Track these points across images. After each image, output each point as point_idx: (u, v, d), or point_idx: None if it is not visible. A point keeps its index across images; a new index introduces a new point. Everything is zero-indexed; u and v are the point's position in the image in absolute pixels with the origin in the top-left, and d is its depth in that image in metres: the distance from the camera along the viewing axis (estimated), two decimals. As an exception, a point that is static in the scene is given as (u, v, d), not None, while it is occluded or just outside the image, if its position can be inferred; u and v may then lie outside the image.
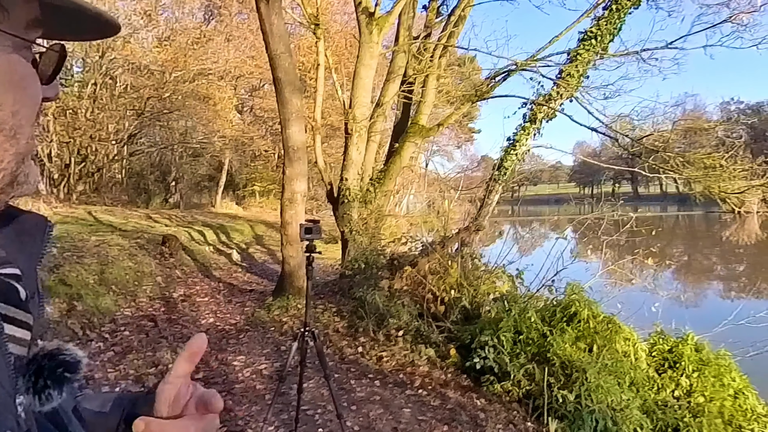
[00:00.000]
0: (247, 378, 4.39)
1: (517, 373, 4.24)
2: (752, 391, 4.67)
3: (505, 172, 8.27)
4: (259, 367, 4.63)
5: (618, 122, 8.51)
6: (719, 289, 14.29)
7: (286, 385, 3.78)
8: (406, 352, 5.00)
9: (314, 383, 4.20)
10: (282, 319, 6.03)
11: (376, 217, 8.20)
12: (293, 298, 6.53)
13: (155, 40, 15.58)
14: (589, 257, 8.89)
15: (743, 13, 7.97)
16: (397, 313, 5.36)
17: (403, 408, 3.96)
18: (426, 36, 9.13)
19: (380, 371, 4.69)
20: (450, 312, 5.37)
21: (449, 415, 3.90)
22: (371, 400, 4.05)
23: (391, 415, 3.82)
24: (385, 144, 10.43)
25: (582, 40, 7.92)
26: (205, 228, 12.75)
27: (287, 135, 6.67)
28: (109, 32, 0.53)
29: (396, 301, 5.55)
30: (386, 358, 4.95)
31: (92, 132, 13.39)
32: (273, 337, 5.52)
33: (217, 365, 4.63)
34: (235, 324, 5.99)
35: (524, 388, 4.22)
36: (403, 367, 4.78)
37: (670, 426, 4.15)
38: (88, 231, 8.41)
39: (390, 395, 4.19)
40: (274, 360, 4.81)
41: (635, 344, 4.74)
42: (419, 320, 5.32)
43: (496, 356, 4.40)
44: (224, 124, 17.18)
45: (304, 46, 16.68)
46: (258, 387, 4.21)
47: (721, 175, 7.60)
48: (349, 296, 6.41)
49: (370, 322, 5.47)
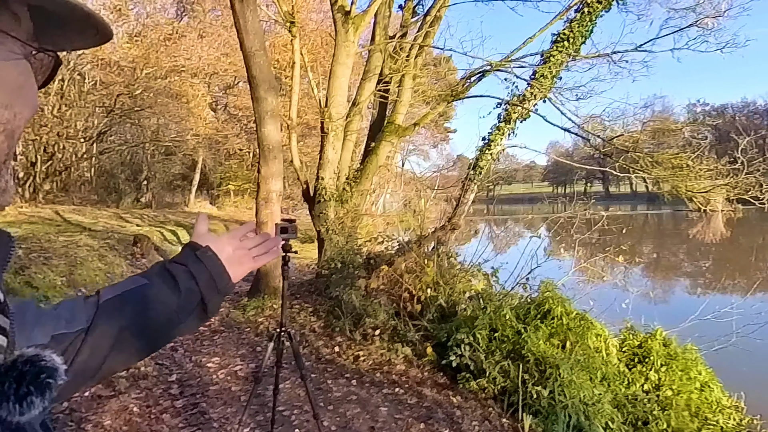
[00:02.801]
0: (221, 380, 4.33)
1: (492, 370, 4.29)
2: (717, 383, 4.83)
3: (481, 171, 8.35)
4: (234, 368, 4.58)
5: (590, 123, 8.69)
6: (686, 285, 14.73)
7: (262, 386, 3.74)
8: (383, 351, 5.01)
9: (290, 384, 4.17)
10: (257, 320, 5.97)
11: (352, 216, 8.18)
12: (269, 299, 6.47)
13: (125, 36, 15.20)
14: (562, 255, 9.06)
15: (708, 18, 8.22)
16: (374, 313, 5.36)
17: (380, 407, 3.96)
18: (402, 35, 9.14)
19: (357, 370, 4.68)
20: (426, 310, 5.40)
21: (426, 413, 3.92)
22: (348, 400, 4.05)
23: (368, 414, 3.82)
24: (361, 143, 10.42)
25: (555, 42, 8.06)
26: (178, 228, 12.52)
27: (262, 133, 6.60)
28: (102, 39, 0.54)
29: (373, 301, 5.55)
30: (363, 357, 4.94)
31: (59, 129, 13.01)
32: (248, 337, 5.46)
33: (191, 367, 4.56)
34: (209, 325, 5.89)
35: (499, 384, 4.27)
36: (380, 366, 4.79)
37: (640, 419, 4.26)
38: (56, 231, 8.17)
39: (367, 394, 4.19)
40: (250, 361, 4.75)
41: (606, 340, 4.84)
42: (396, 319, 5.34)
43: (472, 354, 4.44)
44: (198, 122, 16.90)
45: (280, 44, 16.52)
46: (233, 388, 4.15)
47: (688, 175, 7.84)
48: (325, 296, 6.38)
49: (346, 322, 5.46)
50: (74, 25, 0.51)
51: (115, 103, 14.70)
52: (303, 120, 14.35)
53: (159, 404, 3.73)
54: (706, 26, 8.24)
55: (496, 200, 50.32)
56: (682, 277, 16.02)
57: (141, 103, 15.45)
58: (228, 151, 21.57)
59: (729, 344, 5.46)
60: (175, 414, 3.61)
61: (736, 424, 4.56)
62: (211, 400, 3.89)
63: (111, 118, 15.34)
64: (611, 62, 8.60)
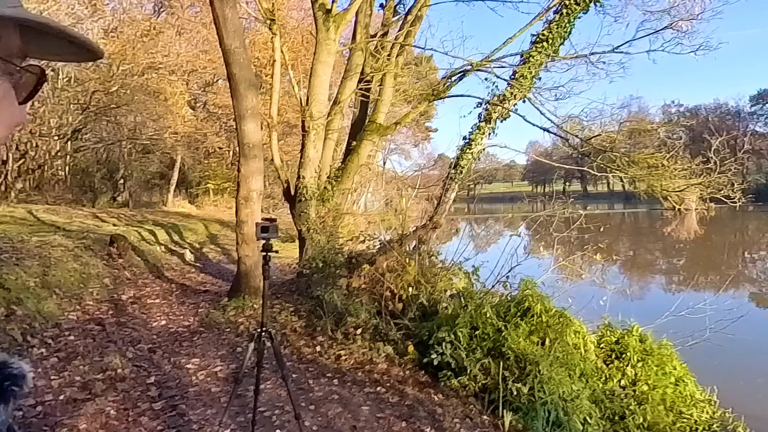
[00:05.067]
0: (201, 381, 4.28)
1: (473, 367, 4.32)
2: (691, 378, 4.96)
3: (461, 170, 8.39)
4: (214, 369, 4.53)
5: (568, 123, 8.80)
6: (662, 282, 15.07)
7: (243, 387, 3.70)
8: (365, 350, 5.01)
9: (272, 384, 4.14)
10: (238, 320, 5.91)
11: (333, 215, 8.15)
12: (249, 298, 6.41)
13: (101, 32, 14.87)
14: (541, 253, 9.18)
15: (682, 21, 8.41)
16: (356, 312, 5.36)
17: (361, 406, 3.96)
18: (383, 34, 9.13)
19: (339, 370, 4.67)
20: (408, 309, 5.41)
21: (407, 412, 3.93)
22: (330, 399, 4.04)
23: (349, 414, 3.82)
24: (342, 142, 10.38)
25: (534, 43, 8.14)
26: (156, 227, 12.31)
27: (242, 132, 6.53)
28: (93, 57, 0.55)
29: (354, 300, 5.54)
30: (344, 356, 4.94)
31: (32, 127, 12.67)
32: (228, 338, 5.40)
33: (170, 368, 4.49)
34: (189, 326, 5.82)
35: (480, 382, 4.31)
36: (362, 365, 4.79)
37: (617, 414, 4.34)
38: (29, 231, 7.96)
39: (348, 394, 4.18)
40: (230, 362, 4.71)
41: (585, 337, 4.93)
42: (377, 318, 5.34)
43: (453, 352, 4.47)
44: (176, 120, 16.62)
45: (260, 41, 16.36)
46: (213, 390, 4.11)
47: (663, 174, 8.00)
48: (306, 295, 6.35)
49: (328, 321, 5.44)
50: (64, 42, 0.51)
51: (91, 100, 14.37)
52: (284, 118, 14.24)
53: (137, 407, 3.67)
54: (681, 29, 8.44)
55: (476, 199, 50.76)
56: (657, 275, 16.39)
57: (117, 100, 15.12)
58: (207, 150, 21.28)
59: (702, 339, 5.60)
60: (154, 416, 3.56)
61: (709, 417, 4.69)
62: (191, 401, 3.84)
63: (86, 116, 14.99)
64: (589, 63, 8.73)
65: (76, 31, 0.50)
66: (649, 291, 13.28)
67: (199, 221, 15.94)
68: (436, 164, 39.09)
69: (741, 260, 18.86)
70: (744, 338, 6.73)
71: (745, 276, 15.07)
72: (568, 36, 8.14)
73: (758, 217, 32.23)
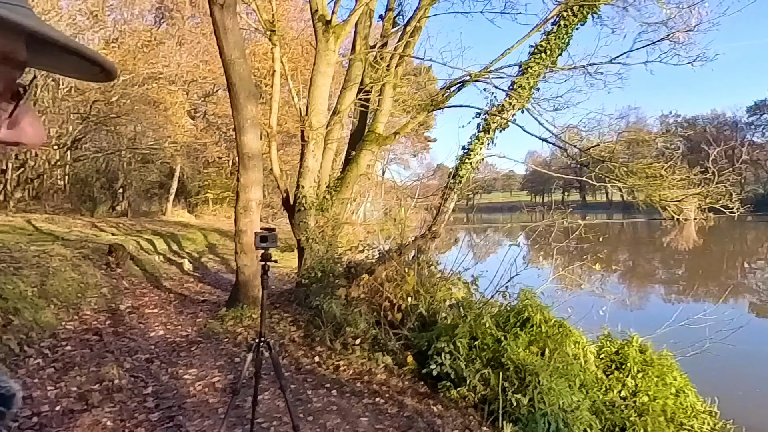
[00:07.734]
0: (199, 392, 4.24)
1: (472, 378, 4.30)
2: (692, 389, 4.94)
3: (460, 180, 8.41)
4: (212, 380, 4.49)
5: (567, 133, 8.84)
6: (661, 292, 15.04)
7: (241, 398, 3.68)
8: (364, 360, 4.98)
9: (270, 395, 4.11)
10: (236, 330, 5.88)
11: (332, 224, 8.15)
12: (248, 308, 6.39)
13: (102, 42, 14.97)
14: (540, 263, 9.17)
15: (679, 32, 8.47)
16: (354, 322, 5.33)
17: (360, 417, 3.93)
18: (382, 45, 9.19)
19: (337, 380, 4.64)
20: (407, 319, 5.39)
21: (407, 423, 3.90)
22: (328, 410, 4.01)
23: (348, 425, 3.79)
24: (341, 152, 10.41)
25: (533, 54, 8.20)
26: (154, 237, 12.30)
27: (242, 142, 6.54)
28: (107, 77, 0.53)
29: (353, 310, 5.52)
30: (343, 367, 4.91)
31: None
32: (227, 348, 5.37)
33: (167, 379, 4.46)
34: (187, 336, 5.79)
35: (480, 393, 4.28)
36: (361, 375, 4.76)
37: (618, 425, 4.31)
38: (27, 240, 7.95)
39: (347, 404, 4.15)
40: (228, 372, 4.68)
41: (584, 347, 4.91)
42: (376, 328, 5.32)
43: (453, 362, 4.45)
44: (176, 130, 16.69)
45: (260, 52, 16.45)
46: (211, 401, 4.07)
47: (662, 184, 8.02)
48: (305, 305, 6.32)
49: (326, 331, 5.42)
50: (74, 58, 0.49)
51: (91, 110, 14.44)
52: (283, 128, 14.29)
53: (134, 418, 3.64)
54: (678, 40, 8.49)
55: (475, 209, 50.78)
56: (657, 284, 16.36)
57: (117, 110, 15.19)
58: (207, 159, 21.32)
59: (702, 350, 5.58)
60: (151, 428, 3.53)
61: (710, 428, 4.66)
62: (188, 412, 3.81)
63: (86, 125, 15.05)
64: (587, 74, 8.78)
65: (91, 49, 0.49)
66: (648, 301, 13.26)
67: (197, 231, 15.92)
68: (435, 174, 39.20)
69: (740, 270, 18.86)
70: (744, 348, 6.71)
71: (744, 286, 15.06)
72: (566, 47, 8.20)
73: (757, 227, 32.30)
